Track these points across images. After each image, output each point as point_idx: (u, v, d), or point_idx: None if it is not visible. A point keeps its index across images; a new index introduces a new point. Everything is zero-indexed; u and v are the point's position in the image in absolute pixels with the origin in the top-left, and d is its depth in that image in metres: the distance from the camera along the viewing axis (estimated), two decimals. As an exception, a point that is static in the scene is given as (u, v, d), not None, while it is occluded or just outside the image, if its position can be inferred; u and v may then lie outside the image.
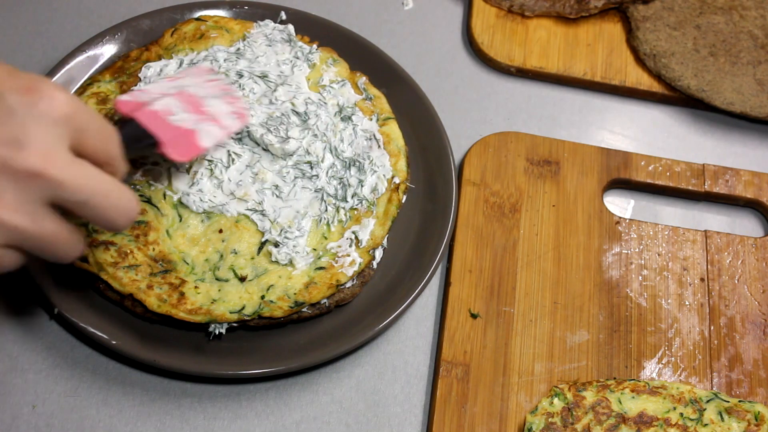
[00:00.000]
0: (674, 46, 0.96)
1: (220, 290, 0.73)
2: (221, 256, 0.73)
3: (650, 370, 0.78)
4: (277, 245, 0.74)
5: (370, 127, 0.82)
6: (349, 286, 0.76)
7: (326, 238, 0.76)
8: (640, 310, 0.81)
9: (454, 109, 0.93)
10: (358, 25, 0.94)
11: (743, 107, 0.93)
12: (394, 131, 0.83)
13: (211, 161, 0.76)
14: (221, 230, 0.74)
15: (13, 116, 0.55)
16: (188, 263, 0.73)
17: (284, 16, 0.90)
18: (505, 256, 0.82)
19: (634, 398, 0.74)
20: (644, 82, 0.96)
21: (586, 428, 0.72)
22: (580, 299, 0.80)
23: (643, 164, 0.89)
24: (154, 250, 0.73)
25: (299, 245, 0.75)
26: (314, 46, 0.86)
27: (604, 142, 0.93)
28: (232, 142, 0.77)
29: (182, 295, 0.72)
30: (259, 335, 0.75)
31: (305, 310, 0.74)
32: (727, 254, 0.85)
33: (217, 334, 0.73)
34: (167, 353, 0.72)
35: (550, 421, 0.72)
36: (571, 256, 0.83)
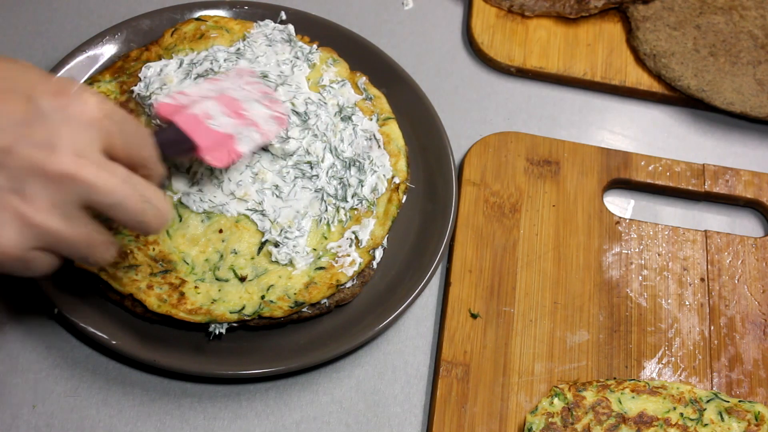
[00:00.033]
0: (674, 46, 0.96)
1: (220, 290, 0.73)
2: (221, 256, 0.73)
3: (650, 370, 0.78)
4: (277, 245, 0.74)
5: (370, 127, 0.82)
6: (349, 286, 0.76)
7: (326, 238, 0.76)
8: (640, 310, 0.81)
9: (454, 109, 0.93)
10: (358, 25, 0.94)
11: (743, 107, 0.93)
12: (394, 131, 0.83)
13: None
14: (221, 230, 0.74)
15: (45, 119, 0.55)
16: (188, 263, 0.73)
17: (284, 16, 0.90)
18: (505, 256, 0.82)
19: (634, 398, 0.74)
20: (644, 82, 0.96)
21: (586, 428, 0.72)
22: (580, 299, 0.80)
23: (643, 164, 0.89)
24: (154, 250, 0.73)
25: (299, 245, 0.75)
26: (314, 46, 0.85)
27: (604, 142, 0.93)
28: None
29: (182, 295, 0.72)
30: (259, 335, 0.75)
31: (305, 310, 0.74)
32: (727, 254, 0.85)
33: (217, 334, 0.73)
34: (167, 353, 0.72)
35: (550, 421, 0.72)
36: (571, 256, 0.83)
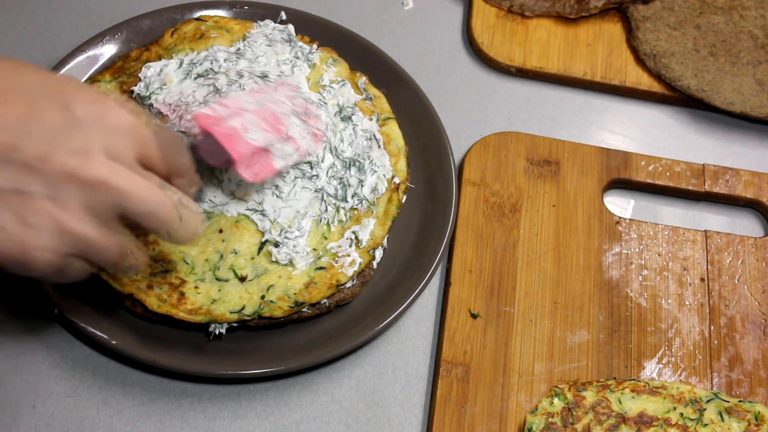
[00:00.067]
0: (674, 46, 0.96)
1: (220, 290, 0.73)
2: (221, 256, 0.73)
3: (650, 370, 0.78)
4: (277, 245, 0.74)
5: (370, 127, 0.82)
6: (349, 286, 0.76)
7: (326, 238, 0.76)
8: (640, 310, 0.81)
9: (454, 109, 0.93)
10: (358, 25, 0.94)
11: (743, 107, 0.93)
12: (394, 131, 0.83)
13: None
14: (221, 230, 0.74)
15: (81, 127, 0.56)
16: (188, 263, 0.73)
17: (284, 16, 0.90)
18: (505, 256, 0.82)
19: (634, 398, 0.74)
20: (644, 82, 0.96)
21: (586, 428, 0.72)
22: (580, 299, 0.80)
23: (643, 164, 0.89)
24: (154, 250, 0.73)
25: (299, 245, 0.75)
26: (314, 46, 0.85)
27: (604, 142, 0.93)
28: None
29: (182, 295, 0.72)
30: (259, 335, 0.75)
31: (305, 310, 0.74)
32: (727, 254, 0.85)
33: (217, 334, 0.73)
34: (167, 353, 0.72)
35: (550, 421, 0.72)
36: (571, 256, 0.83)
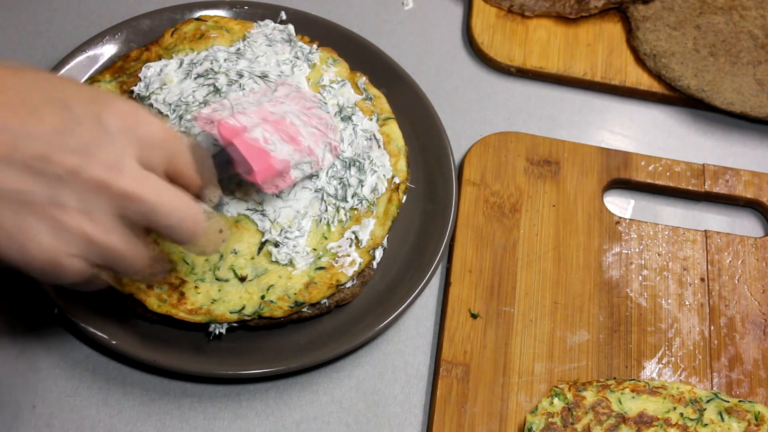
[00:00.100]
0: (674, 46, 0.96)
1: (220, 290, 0.73)
2: (221, 256, 0.73)
3: (650, 370, 0.78)
4: (277, 245, 0.74)
5: (370, 127, 0.82)
6: (349, 286, 0.76)
7: (326, 238, 0.76)
8: (640, 310, 0.81)
9: (454, 109, 0.93)
10: (358, 25, 0.94)
11: (743, 107, 0.93)
12: (394, 131, 0.83)
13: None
14: (221, 230, 0.74)
15: (112, 140, 0.56)
16: (188, 263, 0.73)
17: (284, 16, 0.90)
18: (505, 256, 0.82)
19: (634, 398, 0.74)
20: (644, 82, 0.96)
21: (586, 428, 0.72)
22: (580, 299, 0.80)
23: (643, 164, 0.89)
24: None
25: (299, 245, 0.75)
26: (314, 46, 0.85)
27: (604, 142, 0.93)
28: None
29: (182, 295, 0.72)
30: (259, 335, 0.75)
31: (305, 310, 0.74)
32: (727, 254, 0.85)
33: (217, 334, 0.73)
34: (167, 353, 0.72)
35: (550, 421, 0.72)
36: (571, 256, 0.83)
